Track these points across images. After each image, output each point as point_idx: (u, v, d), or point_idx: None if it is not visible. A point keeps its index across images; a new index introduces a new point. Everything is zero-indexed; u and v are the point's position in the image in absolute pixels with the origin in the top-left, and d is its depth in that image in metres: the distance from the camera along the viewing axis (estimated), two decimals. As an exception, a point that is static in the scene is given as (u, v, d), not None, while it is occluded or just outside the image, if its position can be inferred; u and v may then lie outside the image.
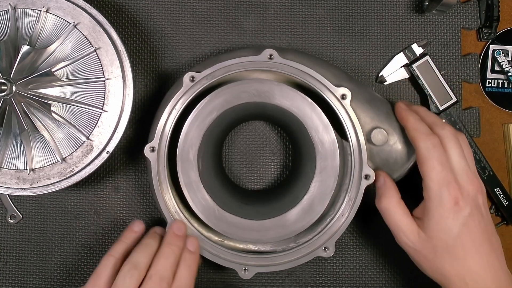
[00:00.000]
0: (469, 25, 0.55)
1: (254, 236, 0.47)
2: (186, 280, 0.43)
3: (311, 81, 0.46)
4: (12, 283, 0.54)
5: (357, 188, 0.47)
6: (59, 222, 0.54)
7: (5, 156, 0.47)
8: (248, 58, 0.46)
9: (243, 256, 0.47)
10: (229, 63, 0.46)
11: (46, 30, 0.48)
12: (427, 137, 0.43)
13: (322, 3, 0.55)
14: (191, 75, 0.46)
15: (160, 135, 0.46)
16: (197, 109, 0.46)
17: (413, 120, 0.45)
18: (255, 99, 0.46)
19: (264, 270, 0.47)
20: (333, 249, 0.47)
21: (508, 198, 0.54)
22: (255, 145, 0.55)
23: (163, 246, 0.44)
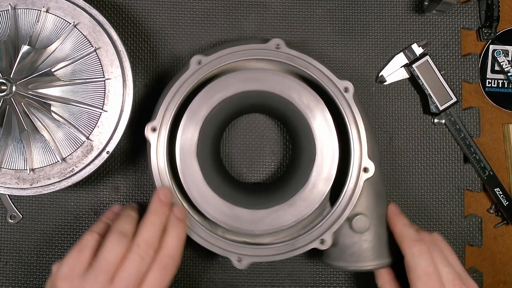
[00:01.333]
0: (469, 25, 0.55)
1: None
2: (174, 247, 0.42)
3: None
4: (12, 283, 0.54)
5: (305, 243, 0.46)
6: (59, 222, 0.54)
7: (5, 156, 0.47)
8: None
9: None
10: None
11: (46, 30, 0.48)
12: (413, 244, 0.44)
13: (322, 3, 0.55)
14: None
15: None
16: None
17: (401, 225, 0.46)
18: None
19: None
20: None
21: (508, 198, 0.54)
22: (255, 138, 0.55)
23: (149, 214, 0.43)
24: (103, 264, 0.39)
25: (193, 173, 0.46)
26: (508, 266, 0.56)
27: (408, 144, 0.55)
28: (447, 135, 0.55)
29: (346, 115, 0.46)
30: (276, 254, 0.46)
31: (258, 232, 0.46)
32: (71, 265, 0.40)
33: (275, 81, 0.46)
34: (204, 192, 0.46)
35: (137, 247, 0.40)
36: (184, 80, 0.46)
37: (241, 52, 0.46)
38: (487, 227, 0.56)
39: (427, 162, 0.55)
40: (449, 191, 0.55)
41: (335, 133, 0.46)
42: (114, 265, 0.40)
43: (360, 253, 0.46)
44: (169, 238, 0.42)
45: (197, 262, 0.55)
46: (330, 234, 0.46)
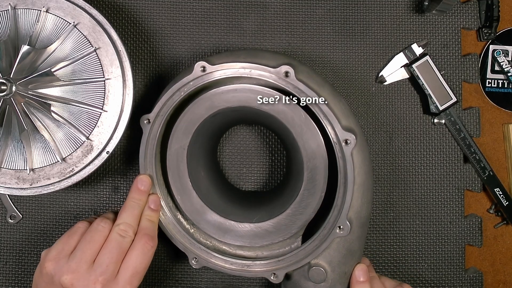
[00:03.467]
0: (469, 25, 0.55)
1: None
2: (150, 228, 0.46)
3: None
4: (12, 283, 0.54)
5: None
6: (59, 222, 0.54)
7: (5, 156, 0.47)
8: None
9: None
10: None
11: (46, 30, 0.48)
12: None
13: (322, 3, 0.55)
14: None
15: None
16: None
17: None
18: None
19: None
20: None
21: (508, 198, 0.54)
22: (250, 148, 0.55)
23: (127, 200, 0.46)
24: (87, 245, 0.43)
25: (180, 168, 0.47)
26: (508, 266, 0.56)
27: (408, 144, 0.55)
28: (447, 135, 0.55)
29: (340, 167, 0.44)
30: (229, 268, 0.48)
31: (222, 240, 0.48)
32: (59, 249, 0.43)
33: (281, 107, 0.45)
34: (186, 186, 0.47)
35: (117, 227, 0.44)
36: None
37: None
38: (487, 227, 0.56)
39: (427, 162, 0.55)
40: (449, 191, 0.55)
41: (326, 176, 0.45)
42: (97, 246, 0.43)
43: None
44: (145, 221, 0.46)
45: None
46: (284, 272, 0.46)
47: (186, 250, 0.48)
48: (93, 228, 0.44)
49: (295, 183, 0.47)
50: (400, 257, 0.54)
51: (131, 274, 0.42)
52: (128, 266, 0.42)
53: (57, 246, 0.44)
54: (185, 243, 0.48)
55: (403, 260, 0.54)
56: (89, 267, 0.42)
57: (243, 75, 0.45)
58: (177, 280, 0.54)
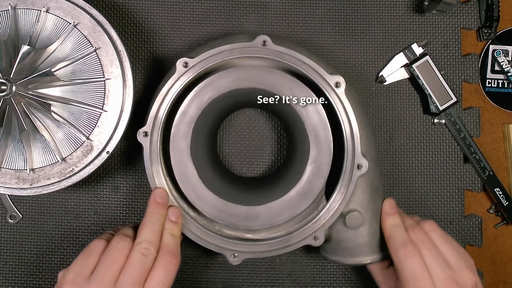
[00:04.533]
0: (469, 25, 0.55)
1: (190, 194, 0.46)
2: (172, 245, 0.44)
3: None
4: (12, 283, 0.54)
5: (298, 239, 0.46)
6: (59, 222, 0.54)
7: (5, 156, 0.47)
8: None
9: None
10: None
11: (46, 30, 0.48)
12: (400, 247, 0.44)
13: (322, 3, 0.55)
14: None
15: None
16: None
17: (390, 226, 0.46)
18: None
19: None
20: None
21: (508, 198, 0.54)
22: (250, 133, 0.55)
23: (147, 216, 0.45)
24: (108, 266, 0.41)
25: (188, 172, 0.46)
26: (508, 266, 0.56)
27: (408, 144, 0.55)
28: (447, 135, 0.55)
29: (338, 110, 0.46)
30: (270, 250, 0.47)
31: (254, 228, 0.47)
32: (77, 270, 0.41)
33: (265, 78, 0.46)
34: (200, 191, 0.46)
35: (138, 245, 0.42)
36: (171, 84, 0.46)
37: (227, 52, 0.46)
38: (487, 227, 0.56)
39: (427, 162, 0.55)
40: (449, 191, 0.55)
41: (329, 129, 0.46)
42: (118, 266, 0.41)
43: (354, 248, 0.46)
44: (167, 237, 0.44)
45: (197, 262, 0.54)
46: (323, 231, 0.46)
47: (221, 249, 0.46)
48: (112, 247, 0.42)
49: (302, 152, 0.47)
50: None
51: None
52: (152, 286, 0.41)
53: (74, 267, 0.42)
54: (218, 244, 0.47)
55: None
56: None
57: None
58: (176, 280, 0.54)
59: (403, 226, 0.46)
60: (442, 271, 0.43)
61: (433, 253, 0.43)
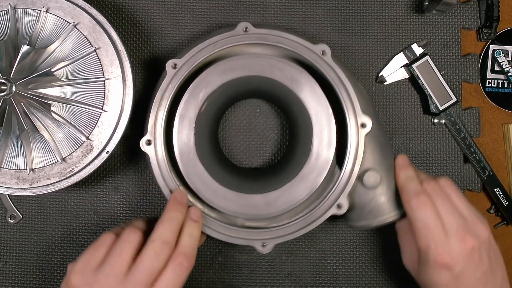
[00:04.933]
0: (469, 25, 0.55)
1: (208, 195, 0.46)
2: (189, 246, 0.42)
3: (343, 95, 0.46)
4: (12, 283, 0.54)
5: (324, 211, 0.46)
6: (59, 222, 0.54)
7: (5, 156, 0.47)
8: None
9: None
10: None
11: (46, 30, 0.48)
12: (412, 197, 0.44)
13: (322, 3, 0.55)
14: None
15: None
16: (230, 60, 0.46)
17: (403, 178, 0.46)
18: (286, 82, 0.46)
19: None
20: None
21: (508, 198, 0.54)
22: (255, 123, 0.55)
23: (165, 212, 0.43)
24: (117, 258, 0.40)
25: (199, 173, 0.46)
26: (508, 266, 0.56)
27: (408, 144, 0.55)
28: (447, 135, 0.55)
29: (330, 77, 0.46)
30: (297, 230, 0.47)
31: (275, 213, 0.46)
32: (85, 262, 0.41)
33: (254, 64, 0.46)
34: (215, 189, 0.46)
35: (152, 243, 0.40)
36: (165, 88, 0.46)
37: (212, 46, 0.46)
38: (487, 227, 0.56)
39: (427, 162, 0.55)
40: (449, 191, 0.55)
41: (325, 99, 0.46)
42: (128, 260, 0.40)
43: (378, 207, 0.46)
44: (185, 237, 0.42)
45: (197, 262, 0.54)
46: (345, 197, 0.46)
47: (249, 241, 0.46)
48: (122, 240, 0.41)
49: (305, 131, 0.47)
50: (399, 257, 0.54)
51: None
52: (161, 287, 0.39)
53: (83, 258, 0.41)
54: (245, 237, 0.46)
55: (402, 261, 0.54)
56: (118, 282, 0.39)
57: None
58: (177, 280, 0.54)
59: (416, 179, 0.45)
60: (455, 220, 0.42)
61: (446, 204, 0.43)
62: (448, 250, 0.42)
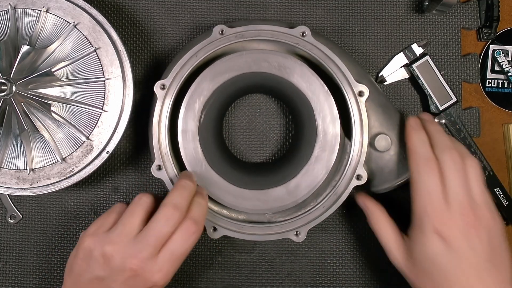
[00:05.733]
0: (469, 25, 0.55)
1: (231, 201, 0.47)
2: (199, 214, 0.43)
3: (333, 69, 0.46)
4: (12, 283, 0.54)
5: (345, 185, 0.47)
6: (59, 222, 0.54)
7: (5, 156, 0.47)
8: (281, 29, 0.47)
9: (215, 216, 0.47)
10: (262, 27, 0.47)
11: (46, 30, 0.48)
12: (422, 162, 0.43)
13: (322, 3, 0.55)
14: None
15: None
16: (217, 64, 0.46)
17: (415, 140, 0.44)
18: (274, 71, 0.46)
19: (232, 235, 0.47)
20: (304, 235, 0.47)
21: (508, 198, 0.54)
22: (259, 119, 0.55)
23: (178, 182, 0.44)
24: (129, 218, 0.42)
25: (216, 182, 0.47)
26: (508, 266, 0.56)
27: (408, 144, 0.55)
28: (447, 135, 0.55)
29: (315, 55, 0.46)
30: (325, 211, 0.47)
31: (300, 200, 0.47)
32: (98, 225, 0.43)
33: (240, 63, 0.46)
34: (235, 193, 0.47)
35: (164, 207, 0.42)
36: (159, 111, 0.46)
37: (194, 57, 0.46)
38: (487, 227, 0.56)
39: (427, 162, 0.55)
40: (449, 191, 0.55)
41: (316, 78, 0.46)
42: (139, 221, 0.42)
43: (396, 167, 0.47)
44: (195, 205, 0.43)
45: (197, 262, 0.55)
46: (362, 167, 0.46)
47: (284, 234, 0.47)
48: (135, 202, 0.43)
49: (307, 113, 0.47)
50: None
51: (169, 258, 0.41)
52: (167, 249, 0.41)
53: (95, 223, 0.43)
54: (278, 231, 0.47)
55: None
56: (130, 240, 0.41)
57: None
58: (176, 280, 0.54)
59: (428, 144, 0.44)
60: (462, 194, 0.41)
61: (459, 178, 0.41)
62: (445, 218, 0.41)
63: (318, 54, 0.47)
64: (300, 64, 0.46)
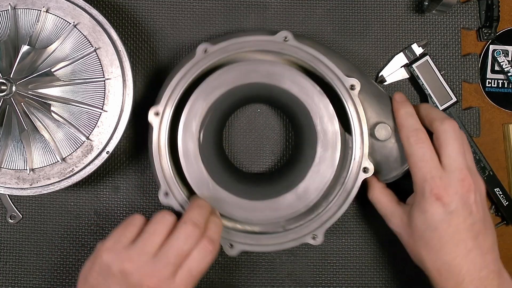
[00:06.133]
0: (469, 25, 0.55)
1: (243, 215, 0.47)
2: (216, 233, 0.43)
3: (322, 68, 0.46)
4: (12, 283, 0.54)
5: (354, 180, 0.47)
6: (59, 222, 0.54)
7: (5, 156, 0.47)
8: (263, 37, 0.47)
9: (230, 232, 0.47)
10: (244, 39, 0.46)
11: (46, 30, 0.48)
12: (411, 133, 0.44)
13: (322, 3, 0.55)
14: (204, 46, 0.46)
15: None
16: (207, 82, 0.46)
17: (402, 113, 0.46)
18: (265, 80, 0.46)
19: (250, 248, 0.47)
20: (322, 238, 0.47)
21: (508, 198, 0.54)
22: (257, 128, 0.55)
23: (194, 201, 0.44)
24: (150, 237, 0.41)
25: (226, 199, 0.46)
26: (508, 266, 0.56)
27: (408, 144, 0.55)
28: (447, 135, 0.55)
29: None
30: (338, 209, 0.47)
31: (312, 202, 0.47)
32: (116, 238, 0.42)
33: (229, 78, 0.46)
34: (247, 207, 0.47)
35: (184, 224, 0.42)
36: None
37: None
38: (487, 227, 0.56)
39: (427, 162, 0.55)
40: (449, 191, 0.55)
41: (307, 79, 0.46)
42: (161, 239, 0.41)
43: (401, 154, 0.47)
44: (212, 224, 0.43)
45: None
46: (367, 159, 0.46)
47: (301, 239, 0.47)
48: (157, 220, 0.42)
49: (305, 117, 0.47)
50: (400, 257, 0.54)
51: (186, 277, 0.41)
52: (186, 268, 0.41)
53: (114, 236, 0.42)
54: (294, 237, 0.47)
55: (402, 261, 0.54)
56: (149, 259, 0.40)
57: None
58: (177, 280, 0.54)
59: (415, 115, 0.45)
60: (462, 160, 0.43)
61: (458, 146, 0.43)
62: (445, 184, 0.42)
63: (304, 56, 0.47)
64: (289, 69, 0.46)
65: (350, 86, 0.46)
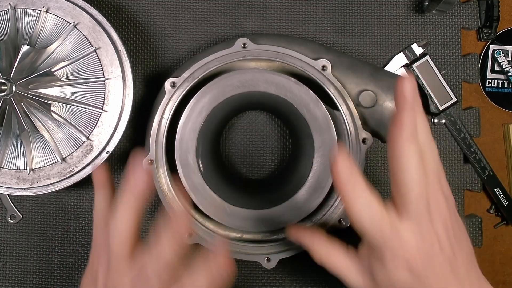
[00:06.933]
0: (469, 25, 0.55)
1: (269, 226, 0.47)
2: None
3: (288, 60, 0.47)
4: (12, 283, 0.54)
5: (356, 153, 0.47)
6: (59, 222, 0.54)
7: (5, 156, 0.47)
8: (222, 52, 0.47)
9: (262, 246, 0.47)
10: (206, 61, 0.47)
11: (46, 30, 0.48)
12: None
13: (322, 3, 0.55)
14: (171, 81, 0.46)
15: (155, 146, 0.46)
16: (186, 112, 0.46)
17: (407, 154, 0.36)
18: (240, 90, 0.46)
19: (287, 255, 0.47)
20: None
21: (508, 198, 0.54)
22: (252, 135, 0.55)
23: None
24: None
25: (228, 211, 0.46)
26: (508, 266, 0.56)
27: (408, 144, 0.55)
28: (447, 135, 0.55)
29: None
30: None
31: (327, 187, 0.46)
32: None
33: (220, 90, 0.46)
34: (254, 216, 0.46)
35: None
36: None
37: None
38: (487, 227, 0.56)
39: (427, 162, 0.55)
40: (449, 191, 0.55)
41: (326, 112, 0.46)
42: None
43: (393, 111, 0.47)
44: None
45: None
46: (362, 130, 0.47)
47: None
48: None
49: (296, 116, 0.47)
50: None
51: None
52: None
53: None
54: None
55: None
56: None
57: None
58: (177, 280, 0.54)
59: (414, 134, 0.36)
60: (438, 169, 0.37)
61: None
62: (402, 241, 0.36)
63: (267, 54, 0.47)
64: (259, 71, 0.46)
65: (321, 68, 0.47)
